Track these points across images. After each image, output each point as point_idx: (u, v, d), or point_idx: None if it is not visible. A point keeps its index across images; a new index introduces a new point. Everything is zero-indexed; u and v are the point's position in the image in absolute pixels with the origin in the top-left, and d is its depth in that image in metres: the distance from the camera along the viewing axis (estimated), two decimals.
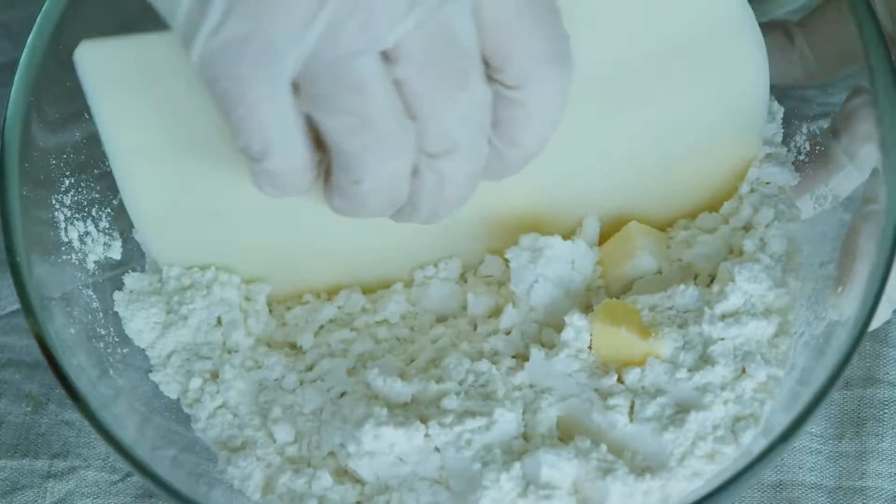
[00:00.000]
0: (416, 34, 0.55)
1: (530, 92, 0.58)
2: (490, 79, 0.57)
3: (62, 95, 0.68)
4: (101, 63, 0.63)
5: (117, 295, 0.71)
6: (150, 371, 0.70)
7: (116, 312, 0.71)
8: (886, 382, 0.74)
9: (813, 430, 0.73)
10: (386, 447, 0.65)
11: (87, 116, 0.67)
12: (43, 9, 0.67)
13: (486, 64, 0.57)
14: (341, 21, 0.54)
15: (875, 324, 0.65)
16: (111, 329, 0.70)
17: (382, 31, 0.54)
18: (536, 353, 0.67)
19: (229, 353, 0.71)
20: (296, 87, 0.56)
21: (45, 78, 0.67)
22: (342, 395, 0.69)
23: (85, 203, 0.71)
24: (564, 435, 0.66)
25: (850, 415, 0.74)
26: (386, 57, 0.55)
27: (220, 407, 0.69)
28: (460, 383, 0.67)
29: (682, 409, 0.65)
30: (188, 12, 0.55)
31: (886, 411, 0.74)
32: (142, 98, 0.64)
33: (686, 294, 0.67)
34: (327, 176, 0.60)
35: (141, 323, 0.71)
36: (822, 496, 0.72)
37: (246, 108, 0.56)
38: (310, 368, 0.70)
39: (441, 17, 0.55)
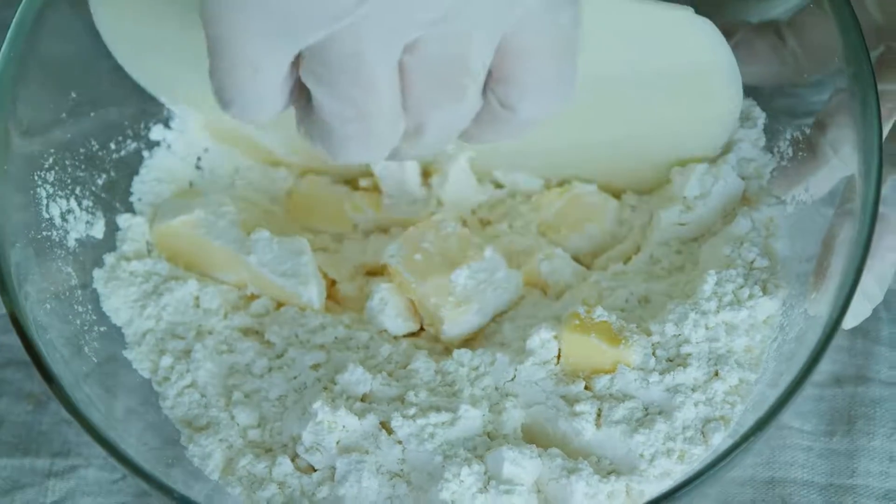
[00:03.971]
0: (436, 40, 0.54)
1: (518, 114, 0.58)
2: (485, 85, 0.57)
3: (49, 72, 0.68)
4: None
5: (97, 272, 0.72)
6: (125, 348, 0.71)
7: (95, 290, 0.72)
8: (878, 381, 0.74)
9: (805, 428, 0.73)
10: (337, 437, 0.65)
11: (73, 96, 0.67)
12: None
13: (489, 73, 0.57)
14: (374, 18, 0.52)
15: (854, 321, 0.66)
16: (89, 307, 0.71)
17: (412, 32, 0.53)
18: (501, 357, 0.68)
19: (205, 334, 0.71)
20: (298, 54, 0.54)
21: (32, 52, 0.66)
22: (305, 385, 0.69)
23: (69, 181, 0.71)
24: (529, 441, 0.66)
25: (842, 412, 0.74)
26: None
27: (188, 386, 0.70)
28: (427, 382, 0.68)
29: (651, 412, 0.65)
30: None
31: (877, 409, 0.73)
32: None
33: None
34: (302, 111, 0.58)
35: (119, 301, 0.71)
36: (813, 493, 0.72)
37: (233, 64, 0.54)
38: (280, 356, 0.71)
39: (464, 34, 0.54)
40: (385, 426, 0.66)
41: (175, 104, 0.76)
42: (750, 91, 0.73)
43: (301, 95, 0.57)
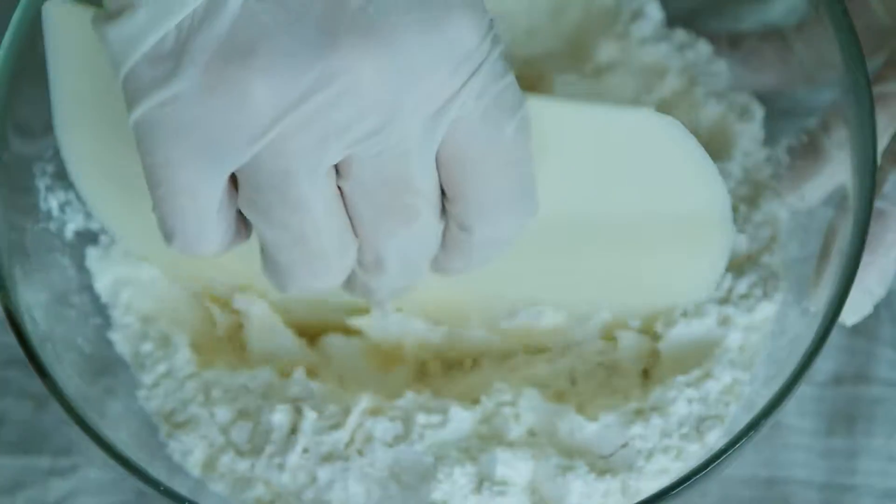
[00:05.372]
0: (368, 158, 0.52)
1: (475, 235, 0.55)
2: (444, 208, 0.55)
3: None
4: (67, 26, 0.60)
5: (90, 250, 0.71)
6: (109, 329, 0.70)
7: (91, 277, 0.71)
8: (878, 380, 0.74)
9: (804, 427, 0.73)
10: (305, 445, 0.65)
11: None
12: None
13: (443, 193, 0.54)
14: (293, 135, 0.50)
15: (855, 318, 0.66)
16: (86, 298, 0.70)
17: (336, 150, 0.51)
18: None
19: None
20: (234, 179, 0.53)
21: (32, 45, 0.65)
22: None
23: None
24: (532, 443, 0.66)
25: (842, 412, 0.74)
26: (336, 167, 0.53)
27: (164, 376, 0.69)
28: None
29: (646, 408, 0.65)
30: (149, 64, 0.51)
31: (877, 409, 0.73)
32: (96, 74, 0.60)
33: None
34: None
35: (109, 279, 0.71)
36: (813, 492, 0.72)
37: (169, 191, 0.53)
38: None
39: (399, 150, 0.52)
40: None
41: (164, 269, 0.72)
42: (752, 93, 0.73)
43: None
